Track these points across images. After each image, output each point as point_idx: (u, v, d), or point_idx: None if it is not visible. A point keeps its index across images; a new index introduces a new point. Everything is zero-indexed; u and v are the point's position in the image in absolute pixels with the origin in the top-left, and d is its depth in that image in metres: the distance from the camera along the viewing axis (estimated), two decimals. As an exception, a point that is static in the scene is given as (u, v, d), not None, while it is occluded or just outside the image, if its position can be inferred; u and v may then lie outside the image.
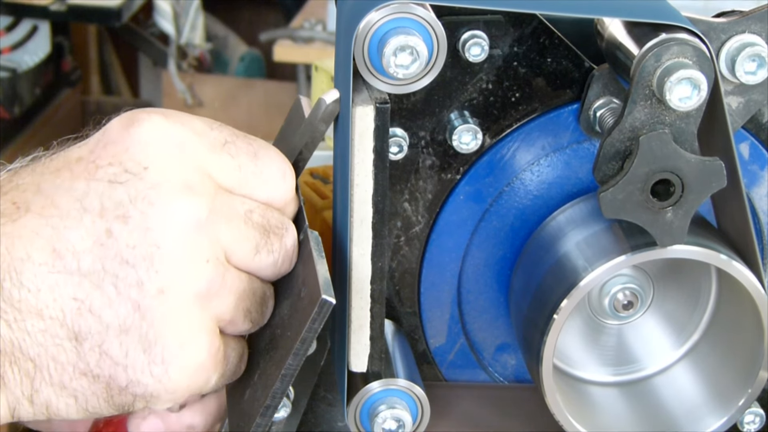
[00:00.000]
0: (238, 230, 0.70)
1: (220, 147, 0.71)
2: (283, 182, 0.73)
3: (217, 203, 0.69)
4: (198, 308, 0.68)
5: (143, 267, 0.67)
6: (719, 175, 0.73)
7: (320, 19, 3.00)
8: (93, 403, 0.68)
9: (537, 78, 0.80)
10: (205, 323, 0.69)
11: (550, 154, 0.82)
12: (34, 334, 0.66)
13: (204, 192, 0.68)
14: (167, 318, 0.67)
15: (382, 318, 0.76)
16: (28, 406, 0.68)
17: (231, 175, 0.70)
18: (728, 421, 0.81)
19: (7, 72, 2.99)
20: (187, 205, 0.67)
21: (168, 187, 0.67)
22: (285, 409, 0.78)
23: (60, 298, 0.66)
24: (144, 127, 0.69)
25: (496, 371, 0.88)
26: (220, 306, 0.69)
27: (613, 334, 0.85)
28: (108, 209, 0.67)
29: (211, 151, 0.70)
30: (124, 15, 3.03)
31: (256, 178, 0.71)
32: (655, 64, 0.71)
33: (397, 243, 0.83)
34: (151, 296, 0.67)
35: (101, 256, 0.67)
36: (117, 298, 0.67)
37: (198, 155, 0.69)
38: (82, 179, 0.68)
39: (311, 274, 0.70)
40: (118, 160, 0.68)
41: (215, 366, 0.70)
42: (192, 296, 0.68)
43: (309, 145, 0.76)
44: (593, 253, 0.77)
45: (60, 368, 0.67)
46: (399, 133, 0.79)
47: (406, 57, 0.71)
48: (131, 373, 0.68)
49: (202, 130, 0.71)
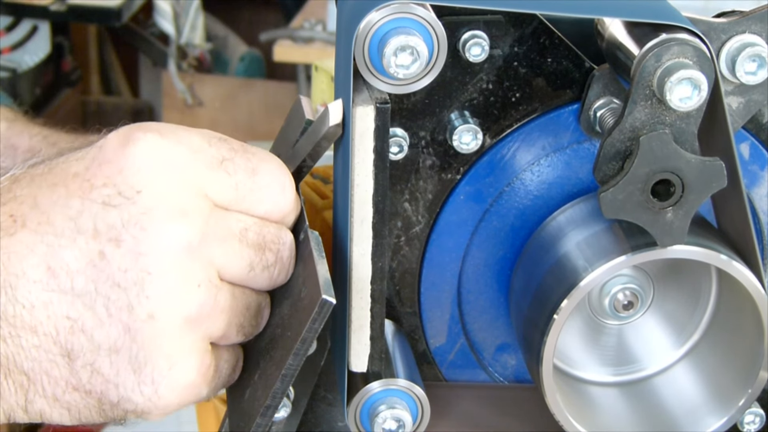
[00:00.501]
0: (232, 250, 0.70)
1: (217, 164, 0.70)
2: (282, 196, 0.72)
3: (211, 224, 0.69)
4: (188, 331, 0.69)
5: (134, 291, 0.67)
6: (719, 175, 0.73)
7: (320, 19, 2.99)
8: (86, 414, 0.69)
9: (537, 78, 0.80)
10: (195, 344, 0.69)
11: (550, 154, 0.82)
12: (28, 349, 0.67)
13: (197, 214, 0.68)
14: (156, 341, 0.68)
15: (382, 318, 0.76)
16: (23, 415, 0.69)
17: (227, 193, 0.70)
18: (728, 421, 0.81)
19: (7, 72, 2.99)
20: (179, 230, 0.67)
21: (160, 213, 0.67)
22: (285, 409, 0.78)
23: (53, 316, 0.67)
24: (139, 148, 0.69)
25: (496, 371, 0.88)
26: (211, 326, 0.70)
27: (613, 334, 0.85)
28: (101, 232, 0.67)
29: (208, 168, 0.70)
30: (124, 15, 3.03)
31: (254, 194, 0.71)
32: (656, 64, 0.71)
33: (398, 243, 0.83)
34: (141, 320, 0.67)
35: (94, 278, 0.67)
36: (108, 319, 0.67)
37: (194, 174, 0.69)
38: (76, 197, 0.68)
39: (311, 274, 0.70)
40: (113, 182, 0.68)
41: (206, 381, 0.71)
42: (182, 321, 0.68)
43: (312, 155, 0.75)
44: (593, 253, 0.77)
45: (53, 382, 0.68)
46: (399, 133, 0.79)
47: (407, 57, 0.71)
48: (122, 390, 0.68)
49: (200, 147, 0.70)
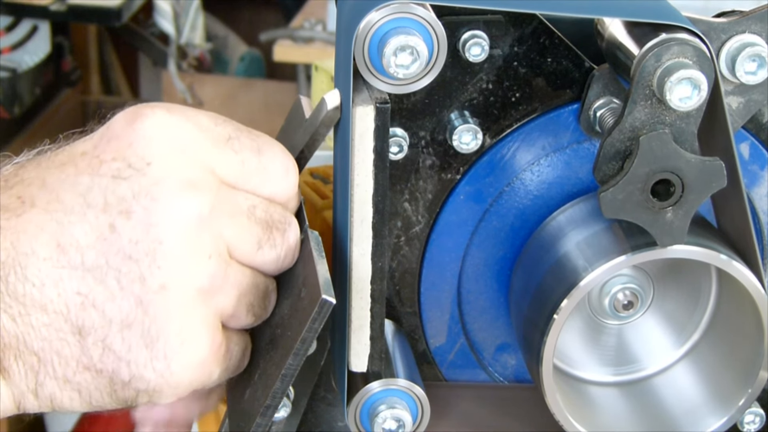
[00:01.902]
0: (241, 226, 0.70)
1: (223, 142, 0.71)
2: (286, 178, 0.73)
3: (219, 199, 0.69)
4: (200, 304, 0.68)
5: (146, 262, 0.67)
6: (719, 175, 0.73)
7: (320, 19, 2.99)
8: (96, 397, 0.69)
9: (537, 78, 0.80)
10: (207, 319, 0.69)
11: (550, 154, 0.82)
12: (38, 329, 0.66)
13: (207, 188, 0.68)
14: (169, 314, 0.67)
15: (382, 318, 0.76)
16: (33, 399, 0.68)
17: (234, 171, 0.70)
18: (728, 421, 0.81)
19: (7, 72, 2.99)
20: (189, 201, 0.68)
21: (170, 183, 0.68)
22: (285, 409, 0.78)
23: (64, 293, 0.67)
24: (147, 123, 0.69)
25: (496, 371, 0.88)
26: (222, 301, 0.70)
27: (613, 334, 0.85)
28: (111, 204, 0.67)
29: (214, 146, 0.70)
30: (124, 15, 3.03)
31: (260, 173, 0.71)
32: (656, 64, 0.71)
33: (398, 243, 0.83)
34: (153, 292, 0.67)
35: (104, 251, 0.67)
36: (120, 293, 0.67)
37: (201, 151, 0.69)
38: (86, 174, 0.68)
39: (311, 274, 0.70)
40: (122, 156, 0.68)
41: (217, 361, 0.70)
42: (194, 292, 0.68)
43: (310, 145, 0.76)
44: (593, 253, 0.77)
45: (64, 362, 0.67)
46: (399, 133, 0.79)
47: (407, 57, 0.71)
48: (134, 368, 0.68)
49: (206, 126, 0.71)
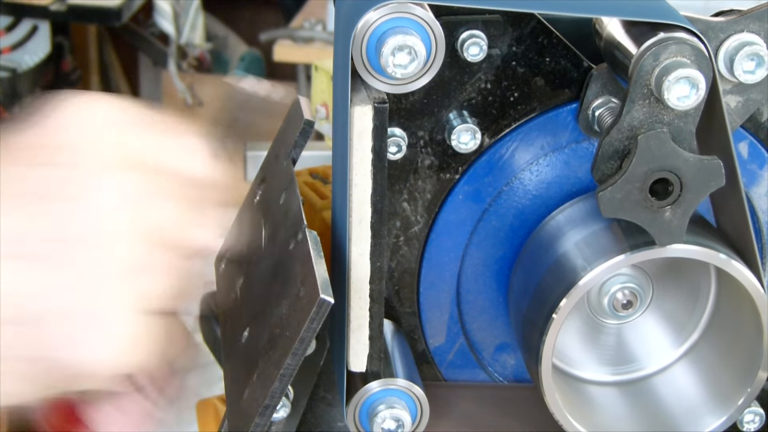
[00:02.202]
0: (165, 208, 0.70)
1: (144, 125, 0.72)
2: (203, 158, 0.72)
3: (143, 181, 0.69)
4: (124, 286, 0.68)
5: (73, 247, 0.67)
6: (718, 174, 0.73)
7: (320, 19, 2.99)
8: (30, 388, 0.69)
9: (535, 78, 0.80)
10: (130, 301, 0.69)
11: (548, 154, 0.82)
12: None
13: (129, 170, 0.69)
14: (93, 296, 0.68)
15: (381, 318, 0.76)
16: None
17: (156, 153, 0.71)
18: (728, 420, 0.81)
19: (7, 72, 2.99)
20: (112, 184, 0.68)
21: (94, 168, 0.68)
22: (284, 409, 0.78)
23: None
24: (65, 109, 0.70)
25: (495, 371, 0.88)
26: (146, 283, 0.69)
27: (612, 334, 0.85)
28: (38, 191, 0.68)
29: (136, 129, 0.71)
30: (124, 15, 3.02)
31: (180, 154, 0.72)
32: (654, 63, 0.71)
33: (396, 243, 0.83)
34: (78, 275, 0.67)
35: (32, 239, 0.67)
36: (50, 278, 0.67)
37: (123, 134, 0.70)
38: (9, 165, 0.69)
39: (309, 274, 0.70)
40: (42, 143, 0.69)
41: (143, 343, 0.70)
42: (117, 274, 0.68)
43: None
44: (592, 252, 0.77)
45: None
46: (398, 132, 0.79)
47: (405, 57, 0.71)
48: (60, 352, 0.68)
49: (127, 110, 0.72)
